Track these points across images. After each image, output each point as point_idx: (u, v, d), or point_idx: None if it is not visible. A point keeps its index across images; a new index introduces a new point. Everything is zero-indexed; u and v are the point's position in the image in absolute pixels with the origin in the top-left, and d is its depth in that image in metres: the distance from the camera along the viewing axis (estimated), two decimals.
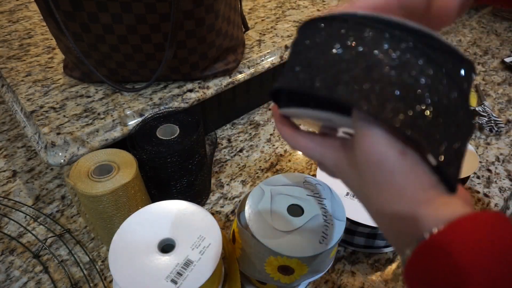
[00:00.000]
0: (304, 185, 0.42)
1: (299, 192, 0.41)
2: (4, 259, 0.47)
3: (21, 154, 0.62)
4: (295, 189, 0.41)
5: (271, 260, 0.37)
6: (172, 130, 0.48)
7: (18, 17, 0.76)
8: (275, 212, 0.39)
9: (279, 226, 0.37)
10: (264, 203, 0.40)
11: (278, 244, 0.36)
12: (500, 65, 0.88)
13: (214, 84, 0.58)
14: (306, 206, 0.40)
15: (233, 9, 0.55)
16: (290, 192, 0.41)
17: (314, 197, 0.41)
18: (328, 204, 0.40)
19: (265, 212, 0.38)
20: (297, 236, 0.37)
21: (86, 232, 0.51)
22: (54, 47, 0.66)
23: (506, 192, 0.57)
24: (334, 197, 0.41)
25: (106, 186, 0.40)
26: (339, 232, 0.37)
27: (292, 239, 0.36)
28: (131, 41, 0.48)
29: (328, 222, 0.38)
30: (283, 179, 0.43)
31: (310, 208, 0.39)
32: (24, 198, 0.55)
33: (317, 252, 0.35)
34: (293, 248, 0.35)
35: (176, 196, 0.50)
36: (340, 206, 0.40)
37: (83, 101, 0.53)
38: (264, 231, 0.37)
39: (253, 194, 0.41)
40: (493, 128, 0.67)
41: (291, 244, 0.36)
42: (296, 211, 0.39)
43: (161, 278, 0.32)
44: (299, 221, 0.38)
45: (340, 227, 0.38)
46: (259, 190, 0.41)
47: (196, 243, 0.35)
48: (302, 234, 0.37)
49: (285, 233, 0.37)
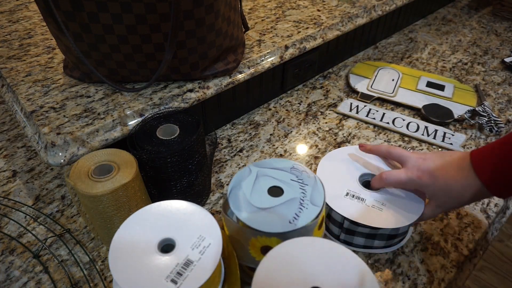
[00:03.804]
0: (291, 170, 0.44)
1: (284, 176, 0.43)
2: (4, 259, 0.47)
3: (21, 154, 0.62)
4: (281, 173, 0.43)
5: (253, 242, 0.38)
6: (172, 130, 0.48)
7: (18, 17, 0.76)
8: (256, 190, 0.41)
9: (255, 202, 0.39)
10: (248, 182, 0.42)
11: (250, 217, 0.38)
12: (500, 65, 0.88)
13: (214, 84, 0.58)
14: (287, 189, 0.41)
15: (233, 9, 0.55)
16: (275, 175, 0.43)
17: (298, 182, 0.42)
18: (309, 190, 0.41)
19: (247, 189, 0.41)
20: (270, 214, 0.38)
21: (86, 232, 0.51)
22: (54, 47, 0.66)
23: None
24: (317, 184, 0.42)
25: (106, 186, 0.40)
26: (311, 216, 0.38)
27: (264, 215, 0.38)
28: (131, 41, 0.48)
29: (303, 206, 0.39)
30: (273, 163, 0.45)
31: (290, 191, 0.41)
32: (24, 198, 0.55)
33: (285, 230, 0.37)
34: (262, 223, 0.37)
35: (176, 196, 0.50)
36: (320, 193, 0.41)
37: (83, 101, 0.53)
38: (241, 206, 0.39)
39: (240, 173, 0.43)
40: (493, 128, 0.67)
41: (262, 219, 0.38)
42: (276, 192, 0.41)
43: (161, 278, 0.32)
44: (276, 201, 0.40)
45: (314, 211, 0.39)
46: (247, 170, 0.44)
47: (196, 243, 0.35)
48: (275, 213, 0.38)
49: (260, 209, 0.39)
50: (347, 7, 0.80)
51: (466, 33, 1.02)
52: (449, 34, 1.01)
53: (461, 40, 0.98)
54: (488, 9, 1.15)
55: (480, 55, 0.92)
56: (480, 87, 0.80)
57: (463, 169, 0.41)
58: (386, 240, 0.47)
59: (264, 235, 0.37)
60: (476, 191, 0.41)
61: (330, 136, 0.67)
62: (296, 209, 0.39)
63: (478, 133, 0.68)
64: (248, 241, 0.39)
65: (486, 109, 0.69)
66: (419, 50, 0.94)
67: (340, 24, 0.76)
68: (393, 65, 0.85)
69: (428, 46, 0.96)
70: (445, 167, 0.43)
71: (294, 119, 0.71)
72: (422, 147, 0.65)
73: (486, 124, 0.67)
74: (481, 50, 0.94)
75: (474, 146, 0.65)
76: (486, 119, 0.68)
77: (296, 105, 0.74)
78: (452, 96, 0.75)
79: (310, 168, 0.60)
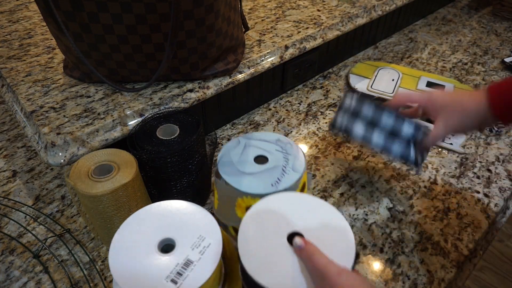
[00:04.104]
0: (277, 142, 0.48)
1: (270, 147, 0.47)
2: (4, 259, 0.47)
3: (21, 154, 0.62)
4: (268, 144, 0.47)
5: (239, 203, 0.43)
6: (172, 130, 0.48)
7: (18, 17, 0.76)
8: (243, 158, 0.45)
9: (242, 168, 0.44)
10: (236, 151, 0.47)
11: (237, 181, 0.42)
12: (500, 65, 0.88)
13: (214, 84, 0.58)
14: (272, 157, 0.46)
15: (233, 9, 0.55)
16: (262, 146, 0.47)
17: (282, 153, 0.46)
18: (292, 159, 0.45)
19: (235, 157, 0.46)
20: (255, 178, 0.43)
21: (86, 232, 0.51)
22: (54, 47, 0.66)
23: (506, 192, 0.57)
24: (299, 154, 0.46)
25: (106, 186, 0.40)
26: (292, 180, 0.43)
27: (250, 179, 0.43)
28: (131, 41, 0.48)
29: (285, 172, 0.44)
30: (261, 135, 0.49)
31: (274, 159, 0.45)
32: (24, 198, 0.55)
33: (267, 192, 0.41)
34: (247, 185, 0.42)
35: (176, 196, 0.50)
36: (301, 162, 0.45)
37: (83, 101, 0.53)
38: (229, 170, 0.44)
39: (230, 143, 0.48)
40: (493, 128, 0.67)
41: (247, 182, 0.42)
42: (262, 160, 0.45)
43: (161, 278, 0.32)
44: (261, 167, 0.44)
45: (295, 177, 0.43)
46: (236, 140, 0.48)
47: (196, 243, 0.35)
48: (260, 177, 0.43)
49: (246, 174, 0.43)
50: (347, 7, 0.80)
51: (466, 33, 1.02)
52: (449, 34, 1.01)
53: (461, 40, 0.98)
54: (488, 9, 1.15)
55: (480, 55, 0.92)
56: (480, 87, 0.80)
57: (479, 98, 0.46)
58: None
59: (249, 196, 0.41)
60: (485, 111, 0.45)
61: (330, 136, 0.67)
62: (279, 174, 0.43)
63: (478, 133, 0.68)
64: (234, 202, 0.43)
65: None
66: (419, 50, 0.94)
67: (340, 24, 0.76)
68: (393, 65, 0.85)
69: (428, 46, 0.96)
70: (463, 93, 0.50)
71: (294, 119, 0.71)
72: None
73: None
74: (481, 50, 0.94)
75: (473, 146, 0.65)
76: None
77: (296, 105, 0.74)
78: None
79: (310, 168, 0.61)
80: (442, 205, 0.55)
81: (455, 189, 0.57)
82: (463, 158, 0.63)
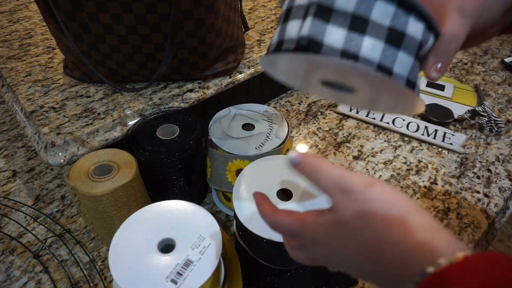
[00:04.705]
0: (264, 112, 0.54)
1: (257, 116, 0.53)
2: (4, 259, 0.47)
3: (21, 154, 0.62)
4: (255, 114, 0.54)
5: (229, 167, 0.48)
6: (172, 130, 0.48)
7: (18, 17, 0.76)
8: (232, 125, 0.51)
9: (231, 133, 0.50)
10: (227, 119, 0.53)
11: (226, 144, 0.48)
12: (500, 65, 0.88)
13: (214, 84, 0.58)
14: (258, 125, 0.52)
15: (233, 9, 0.55)
16: (250, 115, 0.53)
17: (268, 122, 0.52)
18: (276, 127, 0.51)
19: (225, 124, 0.52)
20: (242, 142, 0.49)
21: (86, 232, 0.51)
22: (54, 47, 0.66)
23: (506, 192, 0.57)
24: (283, 123, 0.52)
25: (106, 186, 0.40)
26: (274, 145, 0.48)
27: (237, 143, 0.49)
28: (131, 41, 0.48)
29: (269, 138, 0.50)
30: (250, 106, 0.55)
31: (260, 127, 0.51)
32: (24, 198, 0.55)
33: (251, 154, 0.47)
34: (236, 149, 0.48)
35: (176, 196, 0.50)
36: (284, 130, 0.51)
37: (83, 101, 0.53)
38: (219, 136, 0.50)
39: (221, 112, 0.54)
40: (493, 128, 0.67)
41: (235, 146, 0.48)
42: (249, 128, 0.51)
43: (161, 278, 0.32)
44: (248, 133, 0.50)
45: (277, 142, 0.49)
46: (227, 110, 0.54)
47: (196, 243, 0.35)
48: (247, 142, 0.49)
49: (234, 139, 0.49)
50: None
51: None
52: None
53: None
54: None
55: (480, 55, 0.92)
56: (480, 87, 0.80)
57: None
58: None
59: (238, 158, 0.47)
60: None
61: (330, 136, 0.67)
62: (263, 140, 0.49)
63: (478, 133, 0.68)
64: (225, 166, 0.48)
65: (486, 109, 0.69)
66: None
67: None
68: None
69: None
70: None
71: (294, 119, 0.71)
72: (422, 147, 0.65)
73: (486, 124, 0.67)
74: (481, 50, 0.94)
75: (474, 146, 0.65)
76: (486, 119, 0.68)
77: (296, 105, 0.74)
78: (452, 96, 0.75)
79: None
80: (442, 205, 0.55)
81: (455, 189, 0.57)
82: (463, 158, 0.63)
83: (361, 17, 0.25)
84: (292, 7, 0.28)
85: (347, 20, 0.25)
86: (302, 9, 0.27)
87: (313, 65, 0.29)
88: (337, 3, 0.25)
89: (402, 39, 0.26)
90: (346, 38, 0.25)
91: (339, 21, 0.25)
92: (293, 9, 0.28)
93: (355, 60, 0.25)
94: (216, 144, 0.48)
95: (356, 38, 0.25)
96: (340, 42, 0.25)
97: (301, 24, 0.27)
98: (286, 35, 0.27)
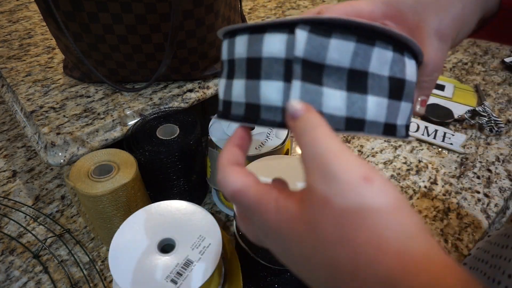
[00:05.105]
0: None
1: None
2: (4, 259, 0.47)
3: (21, 154, 0.62)
4: None
5: None
6: (172, 130, 0.48)
7: (18, 17, 0.76)
8: (232, 126, 0.50)
9: (231, 133, 0.48)
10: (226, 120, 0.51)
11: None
12: (500, 65, 0.88)
13: (214, 84, 0.58)
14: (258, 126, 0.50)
15: (233, 9, 0.55)
16: None
17: None
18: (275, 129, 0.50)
19: (225, 124, 0.51)
20: None
21: (86, 232, 0.51)
22: (54, 47, 0.66)
23: (506, 192, 0.57)
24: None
25: (106, 186, 0.40)
26: (274, 145, 0.48)
27: None
28: (131, 41, 0.48)
29: (269, 138, 0.49)
30: None
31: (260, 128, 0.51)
32: (24, 198, 0.55)
33: (251, 154, 0.46)
34: None
35: (176, 196, 0.50)
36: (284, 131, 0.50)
37: (83, 101, 0.53)
38: (219, 136, 0.49)
39: None
40: (493, 128, 0.67)
41: None
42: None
43: (161, 278, 0.32)
44: None
45: (277, 142, 0.48)
46: None
47: (196, 243, 0.35)
48: None
49: None
50: None
51: None
52: None
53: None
54: None
55: (480, 55, 0.92)
56: (480, 87, 0.80)
57: None
58: None
59: None
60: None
61: None
62: (263, 140, 0.49)
63: (478, 133, 0.68)
64: None
65: (486, 109, 0.69)
66: None
67: None
68: None
69: None
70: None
71: None
72: (422, 147, 0.65)
73: (486, 124, 0.67)
74: (481, 50, 0.94)
75: (474, 146, 0.65)
76: (486, 119, 0.68)
77: None
78: (452, 96, 0.75)
79: None
80: (442, 205, 0.55)
81: (455, 189, 0.57)
82: (463, 158, 0.63)
83: (359, 72, 0.20)
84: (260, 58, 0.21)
85: (343, 78, 0.20)
86: (279, 66, 0.21)
87: None
88: (330, 56, 0.20)
89: (403, 88, 0.22)
90: (347, 102, 0.20)
91: (333, 79, 0.20)
92: (262, 63, 0.21)
93: (360, 127, 0.21)
94: (216, 144, 0.48)
95: (359, 99, 0.21)
96: (342, 109, 0.20)
97: (284, 88, 0.21)
98: (262, 100, 0.21)
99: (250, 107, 0.22)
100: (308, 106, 0.20)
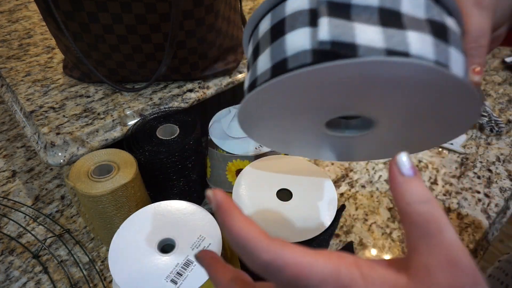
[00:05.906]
0: None
1: None
2: (4, 259, 0.47)
3: (20, 154, 0.62)
4: None
5: (229, 166, 0.49)
6: (172, 130, 0.48)
7: (17, 17, 0.76)
8: (232, 126, 0.51)
9: (231, 133, 0.50)
10: (227, 119, 0.53)
11: (226, 144, 0.48)
12: (500, 65, 0.88)
13: (214, 84, 0.58)
14: None
15: (233, 9, 0.55)
16: None
17: None
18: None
19: (225, 124, 0.52)
20: (242, 142, 0.49)
21: (86, 232, 0.50)
22: (53, 47, 0.66)
23: (507, 192, 0.57)
24: None
25: (106, 186, 0.40)
26: None
27: (238, 143, 0.49)
28: (131, 41, 0.48)
29: None
30: None
31: None
32: (24, 198, 0.55)
33: (251, 154, 0.47)
34: (236, 149, 0.48)
35: (176, 196, 0.50)
36: None
37: (83, 101, 0.53)
38: (219, 136, 0.50)
39: (221, 112, 0.54)
40: (493, 128, 0.67)
41: (235, 146, 0.49)
42: None
43: (161, 278, 0.32)
44: None
45: None
46: (227, 110, 0.55)
47: (196, 243, 0.35)
48: (246, 142, 0.49)
49: (234, 139, 0.50)
50: None
51: None
52: None
53: None
54: None
55: None
56: (481, 87, 0.80)
57: None
58: None
59: (238, 158, 0.47)
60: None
61: None
62: None
63: (479, 133, 0.68)
64: (225, 166, 0.49)
65: (486, 109, 0.69)
66: None
67: None
68: None
69: None
70: None
71: None
72: None
73: (487, 124, 0.67)
74: None
75: (474, 146, 0.65)
76: (486, 119, 0.68)
77: None
78: None
79: None
80: (443, 205, 0.55)
81: (455, 189, 0.57)
82: (463, 158, 0.63)
83: (390, 10, 0.19)
84: (283, 18, 0.21)
85: (374, 16, 0.19)
86: (304, 15, 0.20)
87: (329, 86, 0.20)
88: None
89: (446, 32, 0.20)
90: (384, 35, 0.18)
91: (364, 18, 0.19)
92: (286, 21, 0.21)
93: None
94: (216, 144, 0.48)
95: (397, 34, 0.18)
96: (379, 40, 0.18)
97: (311, 30, 0.20)
98: (288, 51, 0.20)
99: (276, 66, 0.21)
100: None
